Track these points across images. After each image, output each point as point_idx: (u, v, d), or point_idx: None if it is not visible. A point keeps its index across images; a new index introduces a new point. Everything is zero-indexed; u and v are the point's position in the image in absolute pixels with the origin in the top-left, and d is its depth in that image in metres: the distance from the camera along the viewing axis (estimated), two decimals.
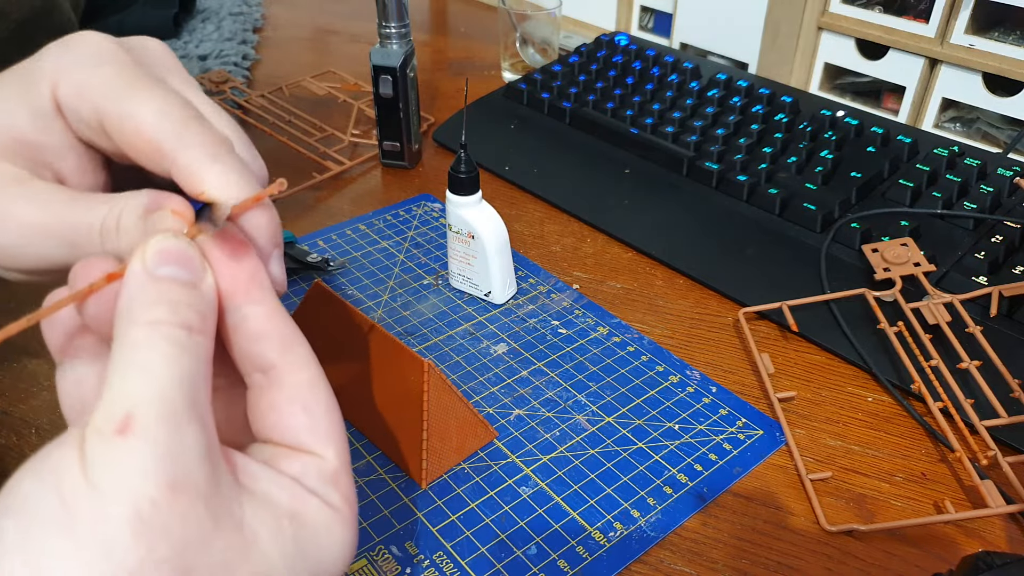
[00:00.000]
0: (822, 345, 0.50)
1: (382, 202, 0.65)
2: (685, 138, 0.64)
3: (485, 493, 0.41)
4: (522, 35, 0.82)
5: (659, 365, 0.49)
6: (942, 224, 0.55)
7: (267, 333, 0.23)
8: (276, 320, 0.23)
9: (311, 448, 0.23)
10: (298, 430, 0.23)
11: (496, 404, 0.46)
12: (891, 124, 0.64)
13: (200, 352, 0.21)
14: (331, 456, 0.23)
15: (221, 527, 0.19)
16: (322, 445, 0.23)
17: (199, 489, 0.19)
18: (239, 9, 0.97)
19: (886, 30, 0.71)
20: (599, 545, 0.38)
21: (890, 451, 0.44)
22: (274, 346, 0.23)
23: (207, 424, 0.20)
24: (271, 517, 0.21)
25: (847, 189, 0.58)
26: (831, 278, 0.53)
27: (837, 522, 0.40)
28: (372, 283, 0.55)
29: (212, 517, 0.19)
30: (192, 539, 0.18)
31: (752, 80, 0.71)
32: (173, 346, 0.20)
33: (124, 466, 0.18)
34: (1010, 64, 0.65)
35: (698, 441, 0.44)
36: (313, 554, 0.21)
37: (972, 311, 0.49)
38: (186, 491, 0.19)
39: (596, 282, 0.56)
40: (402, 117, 0.66)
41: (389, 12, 0.62)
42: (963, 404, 0.44)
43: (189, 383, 0.20)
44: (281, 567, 0.20)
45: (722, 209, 0.59)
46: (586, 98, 0.70)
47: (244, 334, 0.23)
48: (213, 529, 0.19)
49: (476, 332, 0.51)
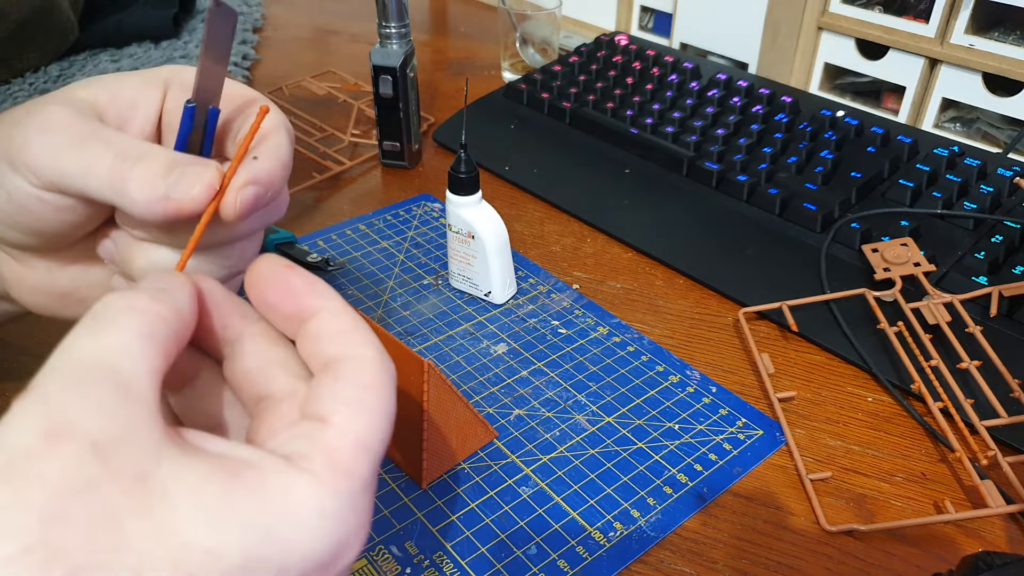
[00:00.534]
0: (822, 345, 0.50)
1: (382, 202, 0.65)
2: (685, 138, 0.64)
3: (485, 493, 0.41)
4: (522, 35, 0.82)
5: (659, 365, 0.49)
6: (942, 224, 0.55)
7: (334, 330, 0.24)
8: (345, 315, 0.24)
9: (324, 414, 0.22)
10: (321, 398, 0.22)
11: (496, 404, 0.46)
12: (891, 124, 0.64)
13: (133, 326, 0.21)
14: (340, 421, 0.21)
15: (113, 474, 0.18)
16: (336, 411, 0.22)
17: (89, 438, 0.18)
18: (239, 9, 0.97)
19: (886, 30, 0.71)
20: (599, 545, 0.38)
21: (890, 451, 0.44)
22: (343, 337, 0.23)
23: (131, 386, 0.19)
24: (195, 472, 0.19)
25: (847, 189, 0.58)
26: (831, 278, 0.53)
27: (837, 522, 0.40)
28: (372, 283, 0.55)
29: (102, 464, 0.18)
30: (69, 484, 0.18)
31: (752, 80, 0.71)
32: (98, 323, 0.20)
33: (10, 422, 0.18)
34: (1010, 64, 0.65)
35: (698, 441, 0.44)
36: (253, 517, 0.19)
37: (972, 311, 0.49)
38: (69, 439, 0.18)
39: (596, 282, 0.56)
40: (402, 117, 0.66)
41: (389, 12, 0.62)
42: (963, 404, 0.44)
43: (111, 350, 0.20)
44: (192, 526, 0.18)
45: (722, 209, 0.60)
46: (586, 98, 0.70)
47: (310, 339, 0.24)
48: (100, 474, 0.18)
49: (476, 332, 0.51)
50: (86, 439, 0.18)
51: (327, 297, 0.24)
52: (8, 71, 0.77)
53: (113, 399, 0.19)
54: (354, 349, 0.23)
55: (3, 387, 0.47)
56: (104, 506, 0.18)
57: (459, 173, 0.49)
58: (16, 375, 0.48)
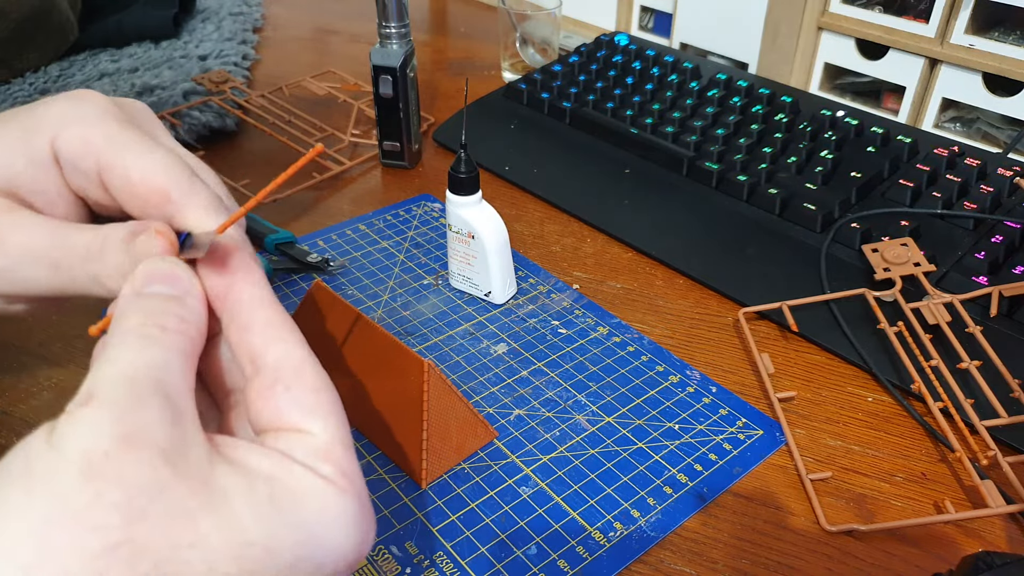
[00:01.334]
0: (822, 345, 0.50)
1: (382, 202, 0.65)
2: (685, 138, 0.64)
3: (485, 493, 0.41)
4: (522, 35, 0.82)
5: (659, 365, 0.49)
6: (942, 224, 0.55)
7: (252, 322, 0.24)
8: (260, 308, 0.25)
9: (298, 425, 0.23)
10: (281, 410, 0.23)
11: (496, 404, 0.46)
12: (891, 124, 0.64)
13: (174, 344, 0.23)
14: (319, 431, 0.23)
15: (182, 477, 0.20)
16: (309, 421, 0.23)
17: (159, 445, 0.20)
18: (239, 9, 0.97)
19: (886, 30, 0.71)
20: (599, 545, 0.38)
21: (890, 451, 0.44)
22: (257, 332, 0.24)
23: (178, 402, 0.21)
24: (244, 478, 0.21)
25: (847, 189, 0.58)
26: (831, 278, 0.53)
27: (837, 522, 0.40)
28: (372, 283, 0.55)
29: (172, 468, 0.20)
30: (147, 486, 0.19)
31: (752, 80, 0.71)
32: (141, 339, 0.22)
33: (80, 427, 0.19)
34: (1010, 64, 0.65)
35: (698, 441, 0.44)
36: (297, 519, 0.21)
37: (972, 311, 0.49)
38: (142, 446, 0.19)
39: (596, 282, 0.56)
40: (402, 117, 0.66)
41: (389, 12, 0.62)
42: (963, 404, 0.44)
43: (157, 367, 0.21)
44: (254, 526, 0.20)
45: (722, 209, 0.59)
46: (586, 98, 0.70)
47: (235, 329, 0.24)
48: (172, 477, 0.19)
49: (476, 332, 0.51)
50: (156, 446, 0.20)
51: (246, 278, 0.25)
52: (8, 71, 0.77)
53: (170, 413, 0.21)
54: (279, 346, 0.24)
55: (3, 387, 0.47)
56: (178, 505, 0.19)
57: (459, 173, 0.49)
58: (16, 375, 0.48)
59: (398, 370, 0.41)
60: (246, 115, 0.73)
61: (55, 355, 0.49)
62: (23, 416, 0.45)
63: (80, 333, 0.51)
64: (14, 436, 0.44)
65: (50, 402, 0.46)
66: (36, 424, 0.47)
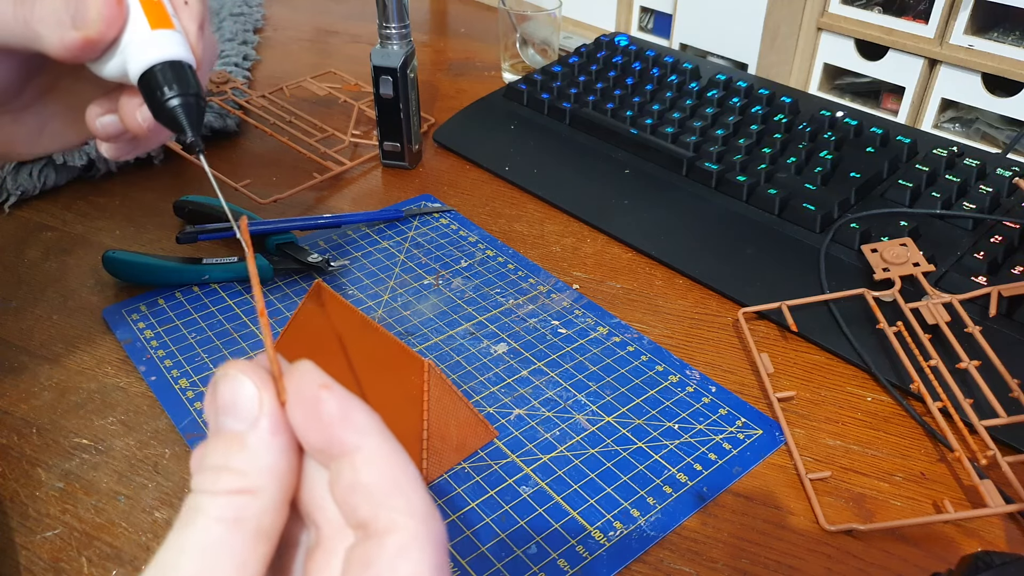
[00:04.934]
0: (821, 345, 0.50)
1: (382, 202, 0.65)
2: (685, 138, 0.65)
3: (485, 492, 0.41)
4: (522, 36, 0.82)
5: (659, 365, 0.49)
6: (941, 224, 0.55)
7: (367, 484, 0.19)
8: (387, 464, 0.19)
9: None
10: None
11: (496, 404, 0.46)
12: (890, 124, 0.64)
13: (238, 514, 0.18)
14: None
15: None
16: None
17: None
18: (240, 10, 0.97)
19: (885, 31, 0.71)
20: (599, 544, 0.38)
21: (889, 451, 0.44)
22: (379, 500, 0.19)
23: None
24: None
25: (846, 189, 0.58)
26: (830, 278, 0.53)
27: (836, 522, 0.40)
28: (372, 283, 0.56)
29: None
30: None
31: (751, 81, 0.71)
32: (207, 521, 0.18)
33: None
34: (1009, 64, 0.65)
35: (698, 441, 0.44)
36: None
37: (971, 311, 0.49)
38: None
39: (596, 282, 0.56)
40: (402, 117, 0.66)
41: (389, 13, 0.62)
42: (962, 404, 0.44)
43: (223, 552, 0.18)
44: None
45: (722, 209, 0.60)
46: (586, 99, 0.70)
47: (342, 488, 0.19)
48: None
49: (476, 332, 0.51)
50: None
51: (364, 432, 0.19)
52: None
53: None
54: (392, 518, 0.18)
55: (3, 387, 0.47)
56: None
57: None
58: (16, 375, 0.48)
59: (398, 370, 0.41)
60: (247, 115, 0.73)
61: (55, 355, 0.49)
62: (23, 416, 0.45)
63: (80, 333, 0.51)
64: (15, 436, 0.44)
65: (50, 402, 0.46)
66: (37, 424, 0.47)
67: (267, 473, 0.19)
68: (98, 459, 0.43)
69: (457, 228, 0.61)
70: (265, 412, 0.19)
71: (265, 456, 0.19)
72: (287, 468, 0.19)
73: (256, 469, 0.19)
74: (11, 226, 0.61)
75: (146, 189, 0.66)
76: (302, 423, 0.19)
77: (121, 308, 0.52)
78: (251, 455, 0.19)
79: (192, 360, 0.48)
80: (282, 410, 0.19)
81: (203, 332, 0.51)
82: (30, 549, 0.38)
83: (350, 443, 0.19)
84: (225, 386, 0.19)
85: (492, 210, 0.64)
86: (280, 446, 0.19)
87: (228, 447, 0.19)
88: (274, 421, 0.19)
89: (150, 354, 0.49)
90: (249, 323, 0.51)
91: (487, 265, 0.57)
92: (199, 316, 0.52)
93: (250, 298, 0.53)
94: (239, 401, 0.19)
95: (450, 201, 0.65)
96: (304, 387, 0.19)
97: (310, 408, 0.19)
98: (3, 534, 0.39)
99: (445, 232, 0.61)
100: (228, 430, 0.19)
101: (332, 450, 0.19)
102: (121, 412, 0.45)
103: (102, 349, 0.50)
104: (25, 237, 0.60)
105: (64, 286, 0.55)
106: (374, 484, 0.19)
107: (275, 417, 0.19)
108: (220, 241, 0.58)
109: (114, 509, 0.40)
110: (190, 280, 0.54)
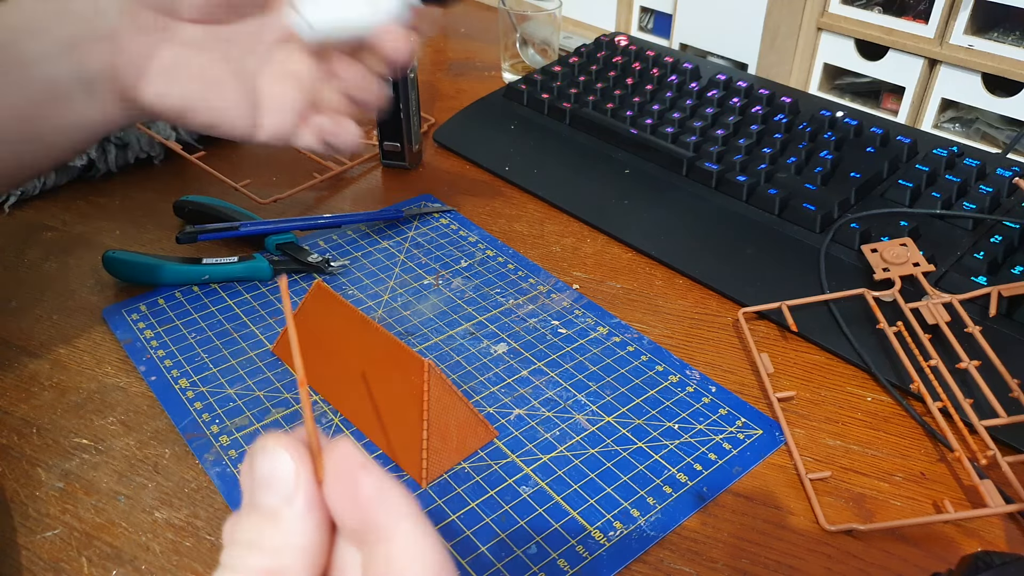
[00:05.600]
0: (821, 345, 0.50)
1: (382, 202, 0.65)
2: (685, 138, 0.65)
3: (485, 492, 0.41)
4: (522, 35, 0.82)
5: (659, 365, 0.49)
6: (941, 224, 0.55)
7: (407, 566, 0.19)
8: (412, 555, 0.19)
9: None
10: None
11: (496, 404, 0.46)
12: (890, 124, 0.64)
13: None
14: None
15: None
16: None
17: None
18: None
19: (885, 31, 0.71)
20: (599, 544, 0.38)
21: (889, 451, 0.44)
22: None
23: None
24: None
25: (846, 189, 0.58)
26: (830, 278, 0.53)
27: (836, 521, 0.40)
28: (372, 283, 0.56)
29: None
30: None
31: (751, 81, 0.71)
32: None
33: None
34: (1009, 64, 0.65)
35: (698, 441, 0.44)
36: None
37: (971, 311, 0.49)
38: None
39: (596, 282, 0.56)
40: (402, 117, 0.66)
41: None
42: (962, 404, 0.44)
43: None
44: None
45: (722, 209, 0.60)
46: (586, 99, 0.70)
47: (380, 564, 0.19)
48: None
49: (476, 332, 0.51)
50: None
51: (399, 516, 0.19)
52: None
53: None
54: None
55: (3, 387, 0.47)
56: None
57: None
58: (16, 375, 0.48)
59: (398, 370, 0.41)
60: None
61: (55, 355, 0.49)
62: (23, 416, 0.45)
63: (80, 333, 0.51)
64: (15, 436, 0.44)
65: (50, 402, 0.46)
66: (37, 424, 0.47)
67: (299, 552, 0.19)
68: (98, 459, 0.43)
69: (457, 228, 0.61)
70: (301, 489, 0.19)
71: (298, 535, 0.19)
72: (319, 547, 0.19)
73: (288, 547, 0.19)
74: (11, 226, 0.61)
75: (146, 189, 0.66)
76: (338, 503, 0.19)
77: (121, 308, 0.52)
78: (284, 533, 0.19)
79: (192, 360, 0.48)
80: (319, 488, 0.19)
81: (203, 332, 0.51)
82: (30, 549, 0.38)
83: (384, 527, 0.19)
84: (262, 459, 0.19)
85: (492, 210, 0.64)
86: (314, 524, 0.19)
87: (262, 522, 0.19)
88: (309, 499, 0.19)
89: (150, 354, 0.49)
90: (249, 323, 0.51)
91: (487, 265, 0.57)
92: (199, 316, 0.52)
93: (249, 297, 0.53)
94: (276, 476, 0.19)
95: (450, 201, 0.65)
96: (342, 466, 0.19)
97: (347, 488, 0.19)
98: (3, 534, 0.39)
99: (445, 232, 0.61)
100: (263, 504, 0.19)
101: (367, 532, 0.19)
102: (121, 412, 0.45)
103: (102, 349, 0.50)
104: (25, 237, 0.60)
105: (64, 286, 0.55)
106: (410, 568, 0.19)
107: (311, 494, 0.19)
108: (220, 241, 0.58)
109: (114, 509, 0.40)
110: (190, 280, 0.54)
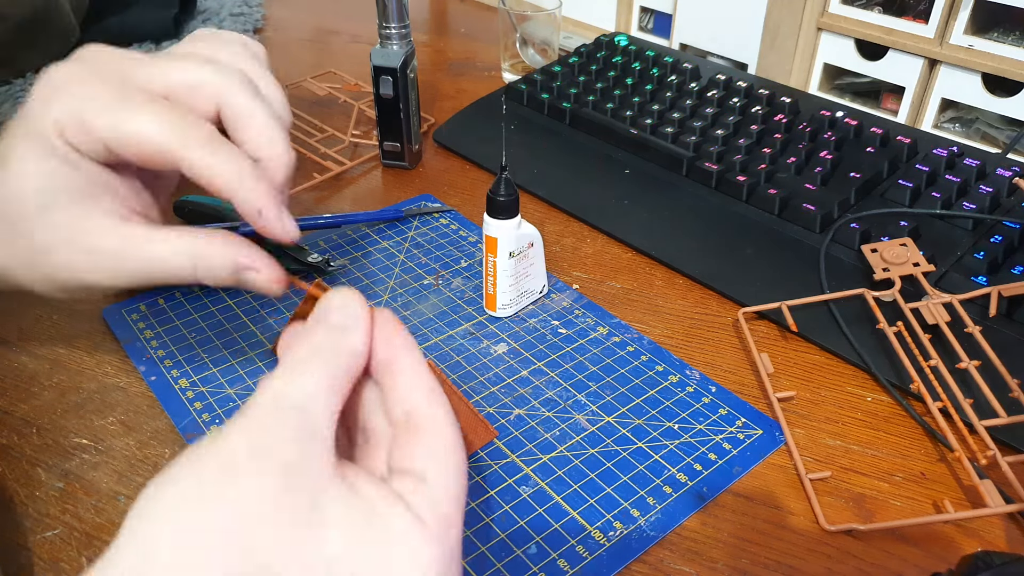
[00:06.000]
0: (821, 345, 0.50)
1: (382, 202, 0.65)
2: (684, 138, 0.65)
3: (485, 492, 0.41)
4: (522, 35, 0.82)
5: (659, 365, 0.49)
6: (941, 224, 0.55)
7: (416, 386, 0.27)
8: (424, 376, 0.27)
9: (423, 473, 0.25)
10: (415, 456, 0.25)
11: (496, 404, 0.46)
12: (890, 124, 0.64)
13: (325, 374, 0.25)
14: (438, 483, 0.25)
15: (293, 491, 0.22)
16: (432, 472, 0.25)
17: (281, 459, 0.23)
18: (240, 10, 0.97)
19: (885, 31, 0.71)
20: (599, 544, 0.38)
21: (889, 451, 0.44)
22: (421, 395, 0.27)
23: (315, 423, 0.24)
24: (349, 503, 0.23)
25: (846, 189, 0.58)
26: (830, 278, 0.53)
27: (836, 521, 0.40)
28: (372, 283, 0.56)
29: (285, 481, 0.22)
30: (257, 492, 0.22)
31: (751, 81, 0.71)
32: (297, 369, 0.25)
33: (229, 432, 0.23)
34: (1009, 64, 0.65)
35: (698, 440, 0.44)
36: (382, 553, 0.23)
37: (971, 311, 0.49)
38: (265, 458, 0.22)
39: (596, 282, 0.56)
40: (402, 118, 0.66)
41: (389, 13, 0.62)
42: (962, 404, 0.44)
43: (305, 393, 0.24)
44: (338, 546, 0.22)
45: (721, 209, 0.60)
46: (586, 99, 0.71)
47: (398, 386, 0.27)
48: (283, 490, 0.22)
49: (476, 332, 0.51)
50: (278, 460, 0.23)
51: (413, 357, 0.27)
52: (10, 72, 0.77)
53: (303, 435, 0.23)
54: (432, 409, 0.26)
55: (3, 386, 0.47)
56: (287, 514, 0.22)
57: (502, 196, 0.48)
58: (16, 375, 0.48)
59: None
60: None
61: (55, 355, 0.49)
62: (23, 416, 0.45)
63: (80, 333, 0.51)
64: (15, 436, 0.44)
65: (50, 402, 0.46)
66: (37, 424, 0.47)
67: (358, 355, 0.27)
68: (98, 459, 0.43)
69: (457, 228, 0.61)
70: (365, 319, 0.27)
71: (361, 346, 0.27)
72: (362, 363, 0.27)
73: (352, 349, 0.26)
74: None
75: None
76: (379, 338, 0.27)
77: (121, 308, 0.52)
78: (351, 343, 0.26)
79: (192, 360, 0.48)
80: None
81: (203, 332, 0.51)
82: (30, 549, 0.38)
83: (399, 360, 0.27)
84: (339, 297, 0.28)
85: None
86: (365, 344, 0.27)
87: (333, 333, 0.26)
88: (368, 327, 0.27)
89: (150, 354, 0.49)
90: (249, 323, 0.51)
91: None
92: (199, 316, 0.52)
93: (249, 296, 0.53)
94: (349, 308, 0.27)
95: (450, 201, 0.65)
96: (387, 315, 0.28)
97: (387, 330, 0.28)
98: (3, 534, 0.39)
99: (445, 232, 0.61)
100: (334, 323, 0.27)
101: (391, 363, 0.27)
102: (121, 412, 0.45)
103: (102, 349, 0.50)
104: None
105: None
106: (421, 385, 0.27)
107: (369, 324, 0.27)
108: None
109: (114, 509, 0.40)
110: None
